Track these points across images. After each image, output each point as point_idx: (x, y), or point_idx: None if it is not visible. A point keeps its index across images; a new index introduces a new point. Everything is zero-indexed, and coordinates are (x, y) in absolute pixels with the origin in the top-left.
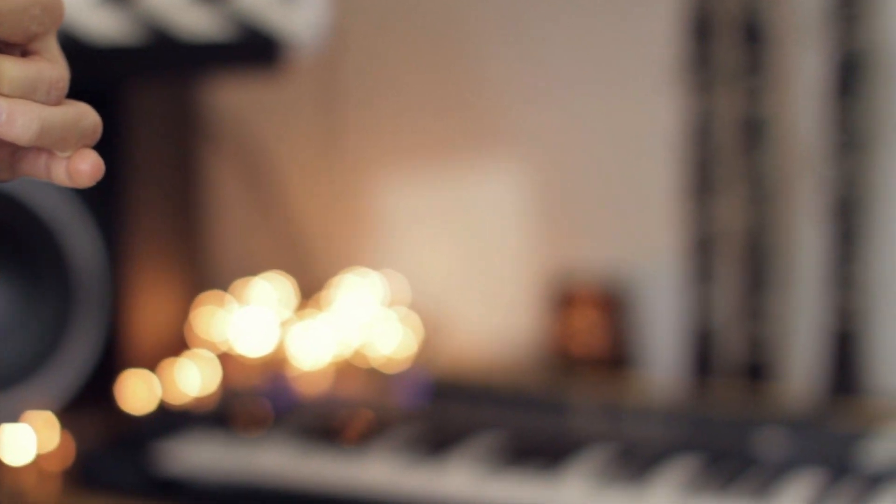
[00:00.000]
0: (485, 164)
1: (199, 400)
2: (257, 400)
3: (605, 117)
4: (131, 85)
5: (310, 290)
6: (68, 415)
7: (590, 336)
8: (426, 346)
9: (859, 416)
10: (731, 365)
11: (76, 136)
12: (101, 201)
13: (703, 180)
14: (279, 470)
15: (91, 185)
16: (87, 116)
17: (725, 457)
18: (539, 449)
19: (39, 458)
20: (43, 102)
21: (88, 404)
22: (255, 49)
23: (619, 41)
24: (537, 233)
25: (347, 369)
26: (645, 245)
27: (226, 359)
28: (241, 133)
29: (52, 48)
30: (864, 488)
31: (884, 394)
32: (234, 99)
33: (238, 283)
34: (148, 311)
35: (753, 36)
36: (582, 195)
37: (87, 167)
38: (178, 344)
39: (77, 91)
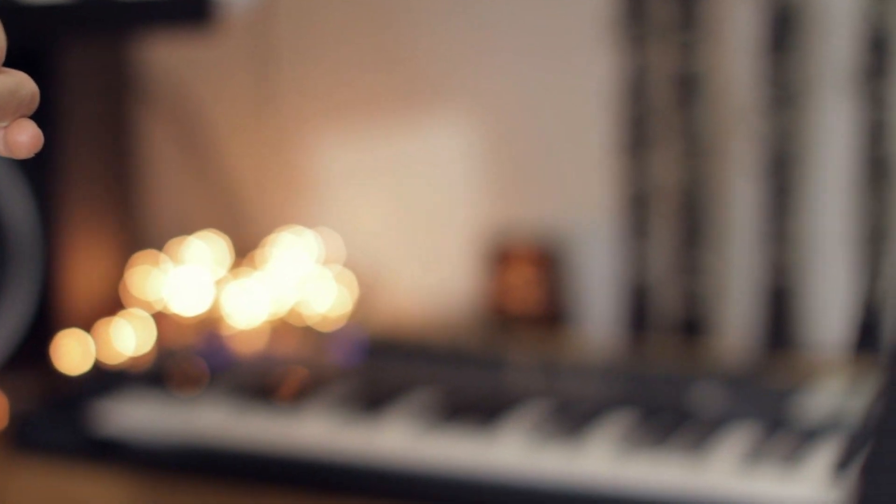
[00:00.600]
0: (420, 122)
1: (134, 360)
2: (193, 359)
3: (541, 74)
4: (64, 44)
5: (245, 248)
6: (2, 376)
7: (526, 293)
8: (361, 304)
9: (794, 370)
10: (666, 320)
11: (14, 106)
12: (33, 162)
13: (637, 136)
14: (216, 429)
15: (30, 156)
16: (24, 86)
17: (661, 412)
18: (475, 406)
19: None
20: None
21: (23, 365)
22: (188, 7)
23: None
24: (473, 190)
25: (283, 327)
26: (581, 202)
27: (161, 318)
28: (175, 92)
29: None
30: (799, 442)
31: (818, 348)
32: (167, 58)
33: (173, 243)
34: (82, 272)
35: None
36: (518, 152)
37: (25, 138)
38: (112, 304)
39: (8, 50)
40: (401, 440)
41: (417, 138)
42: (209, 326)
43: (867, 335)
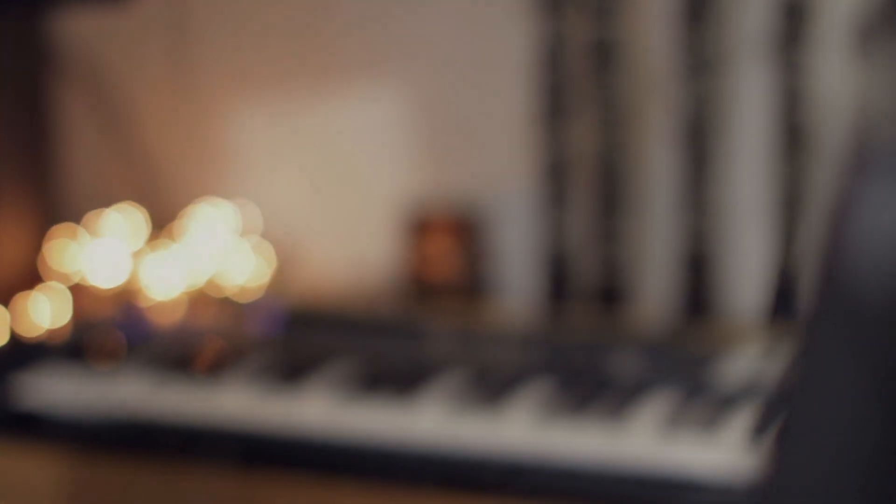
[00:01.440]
0: (339, 92)
1: (52, 332)
2: (111, 331)
3: (459, 43)
4: None
5: (162, 220)
6: None
7: (445, 262)
8: (280, 275)
9: (712, 337)
10: (585, 289)
11: None
12: None
13: (555, 105)
14: (135, 401)
15: None
16: None
17: (581, 379)
18: (395, 375)
19: None
20: None
21: None
22: None
23: None
24: (392, 160)
25: (201, 299)
26: (500, 171)
27: (79, 291)
28: (91, 64)
29: None
30: (718, 408)
31: (736, 315)
32: (82, 29)
33: (90, 216)
34: None
35: None
36: (436, 122)
37: None
38: (30, 277)
39: None
40: (321, 410)
41: (336, 108)
42: (127, 298)
43: (783, 302)
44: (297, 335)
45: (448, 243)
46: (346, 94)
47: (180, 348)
